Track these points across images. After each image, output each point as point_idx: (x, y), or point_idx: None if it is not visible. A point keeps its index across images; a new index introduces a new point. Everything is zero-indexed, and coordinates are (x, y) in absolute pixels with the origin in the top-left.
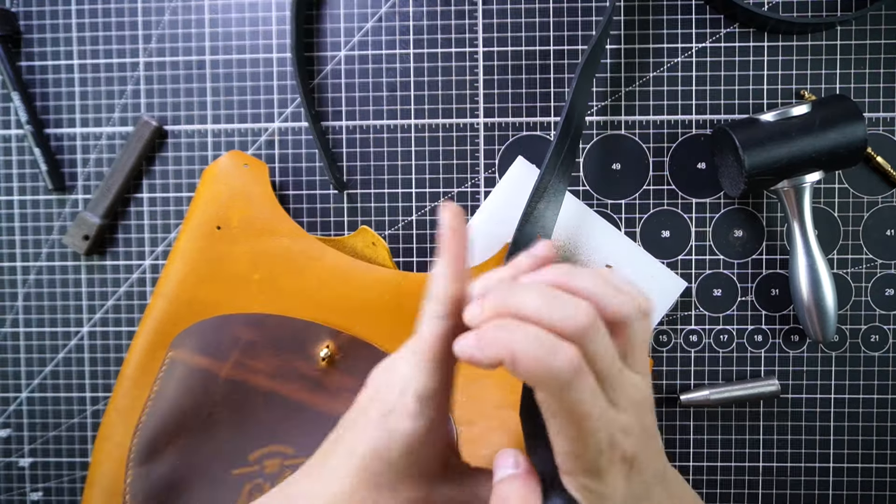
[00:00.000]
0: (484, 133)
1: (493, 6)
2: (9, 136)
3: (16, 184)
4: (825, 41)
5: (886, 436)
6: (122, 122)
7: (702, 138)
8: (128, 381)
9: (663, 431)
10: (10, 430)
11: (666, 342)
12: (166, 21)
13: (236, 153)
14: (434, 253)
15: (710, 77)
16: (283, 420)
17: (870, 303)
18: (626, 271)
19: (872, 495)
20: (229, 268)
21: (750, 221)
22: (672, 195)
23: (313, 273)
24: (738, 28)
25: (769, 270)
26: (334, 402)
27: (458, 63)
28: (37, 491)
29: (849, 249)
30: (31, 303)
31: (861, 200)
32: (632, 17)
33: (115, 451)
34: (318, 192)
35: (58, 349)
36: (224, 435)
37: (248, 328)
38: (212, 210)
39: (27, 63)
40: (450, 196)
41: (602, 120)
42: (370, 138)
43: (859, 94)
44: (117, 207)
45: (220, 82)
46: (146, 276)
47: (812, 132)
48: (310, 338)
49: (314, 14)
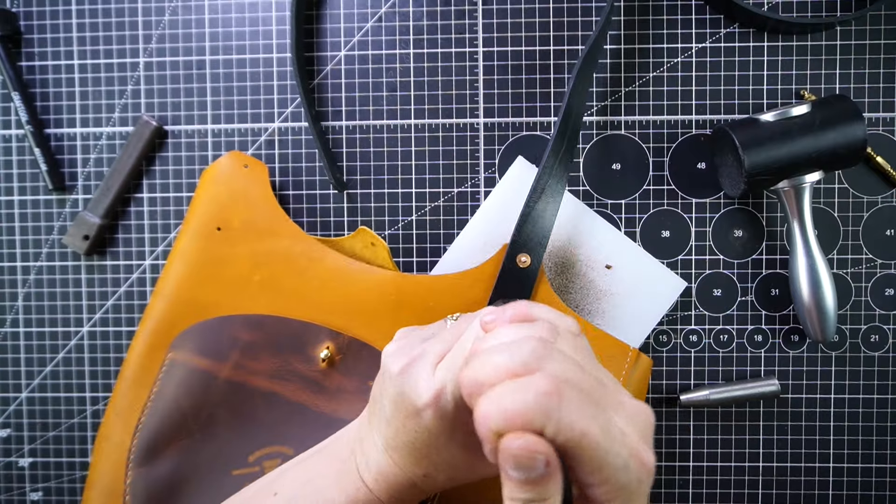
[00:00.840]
0: (484, 133)
1: (493, 6)
2: (9, 136)
3: (16, 184)
4: (825, 41)
5: (886, 436)
6: (122, 122)
7: (702, 138)
8: (127, 383)
9: (663, 431)
10: (10, 430)
11: (666, 342)
12: (166, 21)
13: (236, 154)
14: (433, 253)
15: (710, 77)
16: (283, 421)
17: (870, 303)
18: (625, 271)
19: (872, 495)
20: (229, 269)
21: (750, 221)
22: (672, 195)
23: (314, 274)
24: (737, 28)
25: (769, 270)
26: (334, 403)
27: (458, 63)
28: (37, 491)
29: (849, 249)
30: (31, 303)
31: (861, 200)
32: (631, 17)
33: (115, 452)
34: (318, 192)
35: (58, 349)
36: (224, 436)
37: (247, 329)
38: (212, 211)
39: (27, 63)
40: (450, 196)
41: (602, 120)
42: (370, 138)
43: (859, 94)
44: (117, 207)
45: (220, 82)
46: (146, 276)
47: (812, 132)
48: (310, 339)
49: (314, 14)
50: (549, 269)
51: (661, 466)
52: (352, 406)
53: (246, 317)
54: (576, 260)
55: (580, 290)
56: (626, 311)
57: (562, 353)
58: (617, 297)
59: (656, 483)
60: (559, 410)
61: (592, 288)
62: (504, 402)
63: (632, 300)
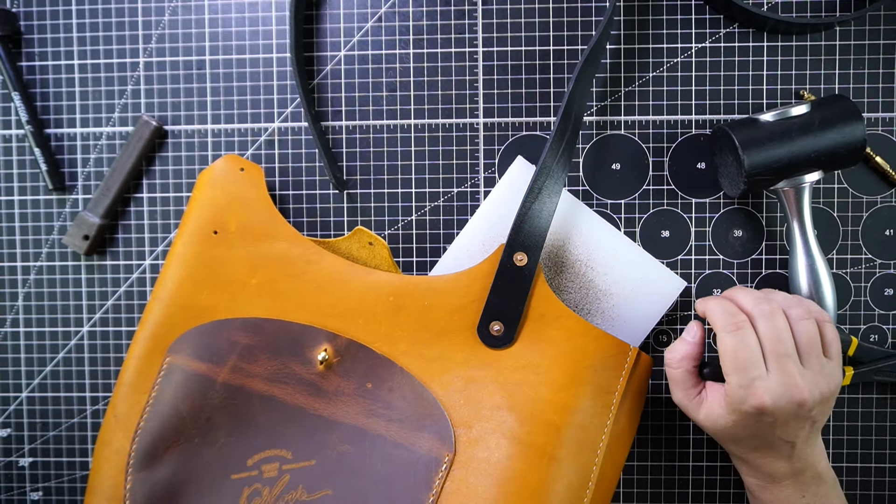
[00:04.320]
0: (483, 133)
1: (493, 6)
2: (9, 136)
3: (16, 184)
4: (825, 41)
5: (886, 436)
6: (122, 122)
7: (702, 138)
8: (126, 387)
9: (663, 431)
10: (10, 429)
11: (666, 342)
12: (166, 21)
13: (232, 157)
14: (434, 252)
15: (710, 77)
16: (281, 424)
17: (869, 303)
18: (625, 271)
19: (872, 495)
20: (226, 272)
21: (750, 221)
22: (672, 195)
23: (311, 277)
24: (737, 28)
25: (769, 270)
26: (332, 406)
27: (458, 63)
28: (37, 491)
29: (848, 249)
30: (31, 303)
31: (860, 200)
32: (632, 17)
33: (115, 456)
34: (318, 192)
35: (58, 349)
36: (222, 440)
37: (245, 333)
38: (208, 214)
39: (27, 63)
40: (449, 196)
41: (602, 120)
42: (370, 138)
43: (859, 94)
44: (117, 207)
45: (220, 82)
46: (146, 276)
47: (811, 132)
48: (307, 342)
49: (314, 14)
50: (547, 268)
51: (660, 466)
52: (350, 408)
53: (243, 320)
54: (575, 259)
55: (580, 290)
56: (626, 311)
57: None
58: (617, 297)
59: (656, 483)
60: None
61: (592, 288)
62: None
63: (632, 300)
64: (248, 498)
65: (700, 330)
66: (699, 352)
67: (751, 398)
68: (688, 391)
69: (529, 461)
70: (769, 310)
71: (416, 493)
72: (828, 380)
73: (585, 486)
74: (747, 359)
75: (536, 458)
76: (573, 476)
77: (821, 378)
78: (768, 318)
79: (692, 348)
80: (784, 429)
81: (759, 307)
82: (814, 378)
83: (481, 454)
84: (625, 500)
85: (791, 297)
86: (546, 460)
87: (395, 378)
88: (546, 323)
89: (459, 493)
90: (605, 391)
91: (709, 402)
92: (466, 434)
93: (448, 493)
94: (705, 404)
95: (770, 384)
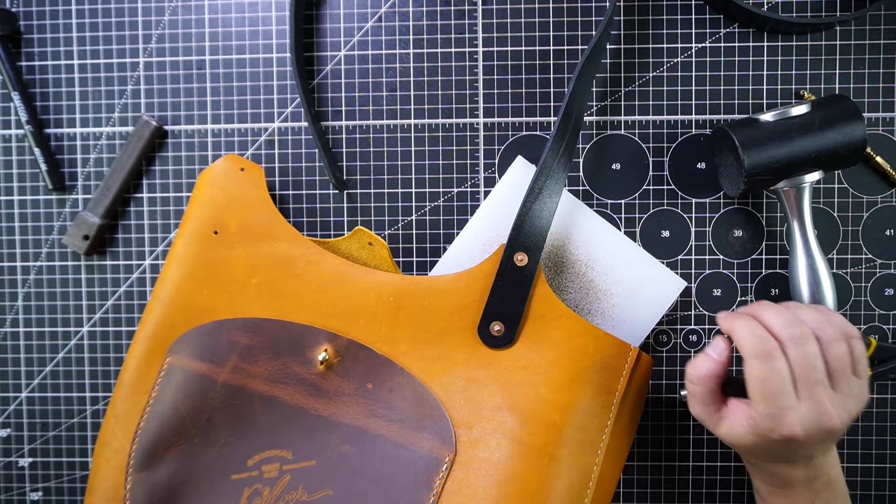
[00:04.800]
0: (484, 133)
1: (493, 6)
2: (9, 136)
3: (16, 184)
4: (825, 41)
5: (886, 436)
6: (122, 122)
7: (702, 138)
8: (126, 387)
9: (663, 431)
10: (10, 430)
11: (666, 342)
12: (166, 21)
13: (232, 157)
14: (434, 253)
15: (710, 77)
16: (282, 424)
17: (869, 303)
18: (626, 271)
19: (872, 495)
20: (227, 272)
21: (750, 221)
22: (672, 195)
23: (311, 277)
24: (737, 28)
25: (769, 270)
26: (332, 406)
27: (458, 63)
28: (37, 491)
29: (848, 249)
30: (31, 303)
31: (861, 200)
32: (632, 17)
33: (115, 457)
34: (318, 192)
35: (58, 349)
36: (222, 440)
37: (245, 333)
38: (208, 214)
39: (27, 63)
40: (449, 196)
41: (601, 120)
42: (370, 138)
43: (859, 94)
44: (117, 207)
45: (220, 82)
46: (146, 276)
47: (812, 132)
48: (308, 342)
49: (314, 14)
50: (547, 268)
51: (660, 466)
52: (350, 409)
53: (243, 320)
54: (575, 260)
55: (580, 290)
56: (626, 311)
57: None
58: (617, 297)
59: (656, 483)
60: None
61: (592, 288)
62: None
63: (632, 300)
64: (249, 498)
65: (728, 349)
66: (724, 371)
67: (780, 427)
68: (707, 407)
69: (530, 461)
70: (800, 334)
71: (416, 493)
72: (857, 400)
73: (586, 486)
74: (778, 389)
75: (537, 458)
76: (574, 476)
77: (850, 400)
78: (799, 344)
79: (717, 367)
80: (808, 449)
81: (789, 331)
82: (843, 402)
83: (482, 454)
84: (625, 500)
85: (818, 313)
86: (547, 460)
87: (395, 378)
88: (546, 323)
89: (460, 493)
90: (606, 391)
91: (731, 421)
92: (467, 434)
93: (448, 494)
94: (727, 422)
95: (801, 414)
